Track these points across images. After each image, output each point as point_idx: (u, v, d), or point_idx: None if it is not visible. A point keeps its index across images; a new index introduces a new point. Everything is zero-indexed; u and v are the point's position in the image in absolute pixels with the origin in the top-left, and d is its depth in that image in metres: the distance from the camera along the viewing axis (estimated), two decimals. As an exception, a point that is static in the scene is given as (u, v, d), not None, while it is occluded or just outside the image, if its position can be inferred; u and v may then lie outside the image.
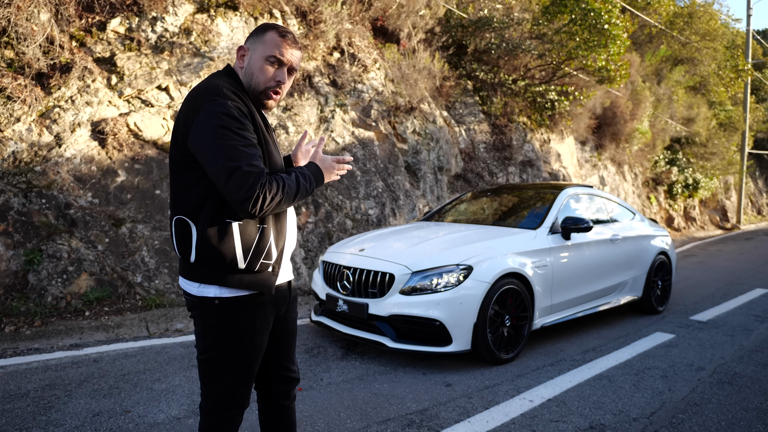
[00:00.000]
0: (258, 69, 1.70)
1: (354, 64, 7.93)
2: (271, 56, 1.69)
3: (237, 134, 1.57)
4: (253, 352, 1.75)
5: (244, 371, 1.75)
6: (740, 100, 20.40)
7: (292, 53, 1.72)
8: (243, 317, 1.71)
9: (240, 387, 1.76)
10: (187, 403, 3.17)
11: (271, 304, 1.79)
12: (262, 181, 1.56)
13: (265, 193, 1.56)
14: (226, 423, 1.76)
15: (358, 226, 7.19)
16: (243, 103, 1.65)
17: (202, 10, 6.54)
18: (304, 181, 1.70)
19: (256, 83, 1.71)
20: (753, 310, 6.02)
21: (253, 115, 1.67)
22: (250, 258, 1.67)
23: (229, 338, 1.71)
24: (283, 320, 1.91)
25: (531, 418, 3.07)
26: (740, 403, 3.35)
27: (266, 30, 1.72)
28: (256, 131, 1.66)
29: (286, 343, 1.94)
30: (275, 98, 1.74)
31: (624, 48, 9.91)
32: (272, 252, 1.72)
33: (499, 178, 9.96)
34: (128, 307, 5.03)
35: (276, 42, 1.69)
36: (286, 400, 1.98)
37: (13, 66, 5.17)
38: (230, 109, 1.57)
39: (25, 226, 4.93)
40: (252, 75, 1.71)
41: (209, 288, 1.68)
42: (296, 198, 1.68)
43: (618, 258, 5.27)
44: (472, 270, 3.91)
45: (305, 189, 1.71)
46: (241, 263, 1.66)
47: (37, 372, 3.61)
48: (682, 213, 17.39)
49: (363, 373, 3.75)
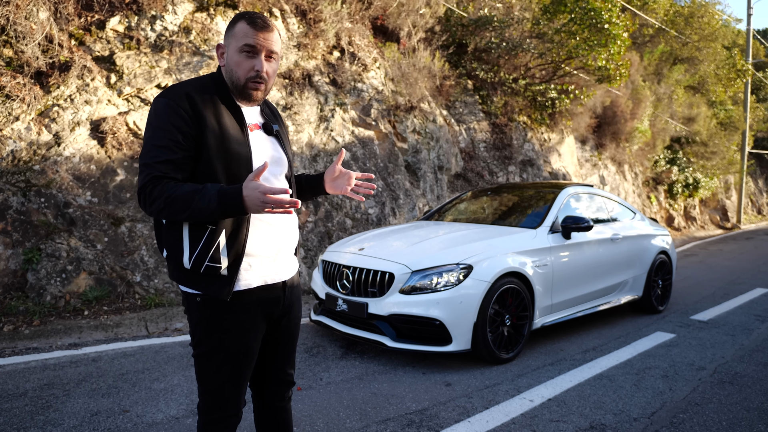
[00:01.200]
0: (235, 63, 1.66)
1: (354, 63, 7.91)
2: (243, 46, 1.64)
3: (156, 129, 1.57)
4: (240, 352, 1.71)
5: (234, 371, 1.72)
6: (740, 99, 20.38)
7: (265, 37, 1.65)
8: (225, 317, 1.67)
9: (230, 387, 1.73)
10: (185, 402, 3.15)
11: (256, 306, 1.73)
12: (146, 183, 1.54)
13: (146, 196, 1.54)
14: (220, 421, 1.74)
15: (357, 225, 7.17)
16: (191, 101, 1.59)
17: (202, 8, 6.52)
18: (200, 201, 1.51)
19: (237, 78, 1.67)
20: (753, 310, 6.01)
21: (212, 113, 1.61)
22: (194, 260, 1.62)
23: (212, 337, 1.68)
24: (282, 323, 1.86)
25: (531, 417, 3.06)
26: (741, 402, 3.34)
27: (236, 22, 1.67)
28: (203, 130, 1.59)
29: (285, 346, 1.90)
30: (260, 88, 1.69)
31: (624, 47, 9.90)
32: (220, 256, 1.62)
33: (500, 177, 9.95)
34: (127, 307, 5.02)
35: (245, 31, 1.64)
36: (281, 402, 1.95)
37: (12, 64, 5.15)
38: (161, 107, 1.58)
39: (24, 225, 4.92)
40: (231, 71, 1.68)
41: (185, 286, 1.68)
42: (188, 215, 1.54)
43: (618, 257, 5.26)
44: (472, 269, 3.89)
45: (197, 209, 1.52)
46: (186, 264, 1.63)
47: (36, 371, 3.60)
48: (682, 212, 17.38)
49: (362, 373, 3.73)
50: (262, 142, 1.76)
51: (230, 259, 1.63)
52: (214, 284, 1.64)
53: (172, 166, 1.57)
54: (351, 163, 7.43)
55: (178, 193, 1.52)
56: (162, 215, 1.57)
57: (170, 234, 1.65)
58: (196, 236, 1.62)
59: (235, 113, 1.69)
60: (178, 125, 1.57)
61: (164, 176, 1.56)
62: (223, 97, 1.68)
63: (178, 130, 1.57)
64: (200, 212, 1.52)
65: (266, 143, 1.77)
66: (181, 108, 1.58)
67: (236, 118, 1.69)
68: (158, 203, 1.53)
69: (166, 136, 1.56)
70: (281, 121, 1.92)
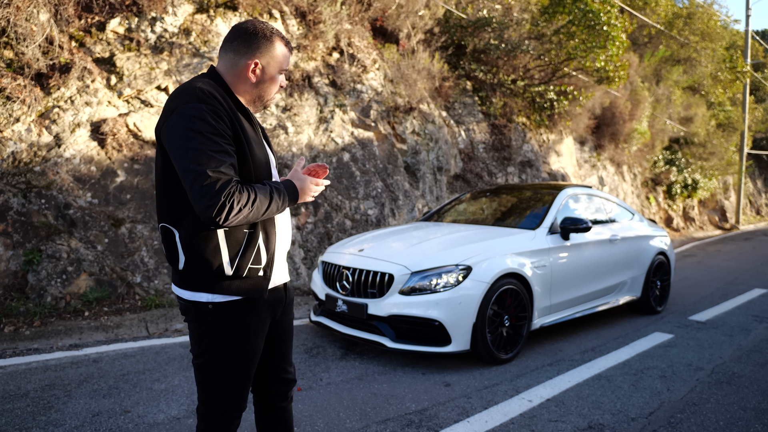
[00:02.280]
0: (271, 81, 1.75)
1: (353, 65, 7.93)
2: (282, 69, 1.77)
3: (207, 138, 1.52)
4: (249, 355, 1.74)
5: (240, 375, 1.74)
6: (739, 100, 20.43)
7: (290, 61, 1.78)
8: (238, 321, 1.69)
9: (236, 390, 1.75)
10: (186, 403, 3.17)
11: (266, 307, 1.78)
12: (230, 190, 1.49)
13: (232, 203, 1.50)
14: (223, 426, 1.75)
15: (357, 226, 7.19)
16: (222, 105, 1.60)
17: (202, 10, 6.54)
18: (278, 198, 1.62)
19: (267, 94, 1.77)
20: (751, 310, 6.03)
21: (234, 118, 1.64)
22: (237, 264, 1.64)
23: (223, 342, 1.69)
24: (280, 322, 1.90)
25: (530, 418, 3.08)
26: (738, 402, 3.36)
27: (273, 41, 1.70)
28: (237, 134, 1.62)
29: (282, 344, 1.93)
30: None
31: (623, 49, 9.92)
32: (261, 256, 1.69)
33: (499, 178, 9.97)
34: (128, 308, 5.03)
35: (285, 55, 1.76)
36: (284, 402, 1.97)
37: (12, 66, 5.17)
38: (203, 113, 1.53)
39: (25, 227, 4.93)
40: (266, 88, 1.75)
41: (201, 294, 1.66)
42: (265, 213, 1.60)
43: (617, 258, 5.28)
44: (471, 270, 3.91)
45: (277, 206, 1.63)
46: (228, 270, 1.63)
47: (37, 372, 3.61)
48: (681, 213, 17.41)
49: (362, 373, 3.75)
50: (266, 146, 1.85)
51: (267, 260, 1.72)
52: (254, 286, 1.69)
53: (234, 169, 1.56)
54: (350, 164, 7.45)
55: (259, 195, 1.57)
56: (242, 221, 1.55)
57: (202, 242, 1.60)
58: (234, 241, 1.63)
59: (246, 115, 1.74)
60: (221, 128, 1.56)
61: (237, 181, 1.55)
62: (236, 101, 1.72)
63: (225, 133, 1.57)
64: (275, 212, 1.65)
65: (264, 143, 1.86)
66: (216, 110, 1.57)
67: (251, 122, 1.76)
68: (245, 211, 1.53)
69: (220, 138, 1.54)
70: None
